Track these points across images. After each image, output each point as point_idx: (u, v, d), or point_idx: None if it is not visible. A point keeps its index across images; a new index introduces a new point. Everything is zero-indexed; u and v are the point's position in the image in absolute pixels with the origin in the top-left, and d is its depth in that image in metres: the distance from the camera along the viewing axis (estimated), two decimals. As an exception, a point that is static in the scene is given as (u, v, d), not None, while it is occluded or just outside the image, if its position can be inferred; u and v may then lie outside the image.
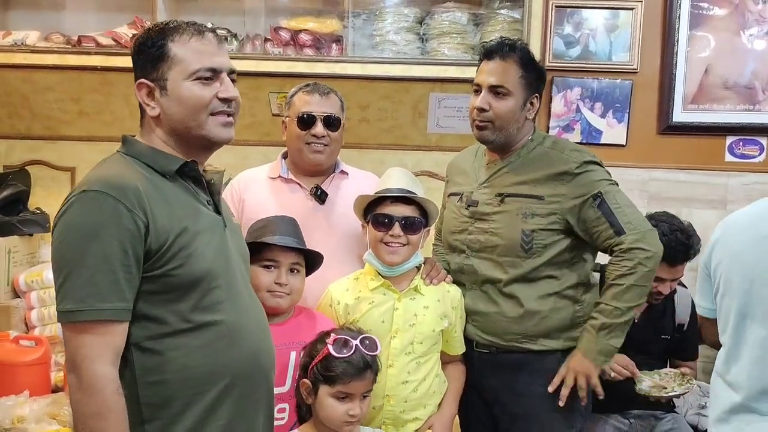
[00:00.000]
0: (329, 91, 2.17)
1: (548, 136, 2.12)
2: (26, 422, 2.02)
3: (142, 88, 1.45)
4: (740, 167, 2.95)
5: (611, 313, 1.90)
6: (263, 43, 2.81)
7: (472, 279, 2.05)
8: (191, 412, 1.39)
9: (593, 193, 1.93)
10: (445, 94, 2.81)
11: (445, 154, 2.98)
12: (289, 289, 1.86)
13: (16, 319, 2.58)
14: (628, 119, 2.93)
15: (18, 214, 2.78)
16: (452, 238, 2.11)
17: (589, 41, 2.90)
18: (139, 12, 2.81)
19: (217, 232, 1.48)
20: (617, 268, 1.91)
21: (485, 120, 2.00)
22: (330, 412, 1.72)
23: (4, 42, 2.76)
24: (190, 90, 1.43)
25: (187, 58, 1.43)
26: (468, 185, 2.11)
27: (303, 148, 2.12)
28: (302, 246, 1.90)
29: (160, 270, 1.35)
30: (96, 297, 1.30)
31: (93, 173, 1.41)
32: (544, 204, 1.97)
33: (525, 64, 2.00)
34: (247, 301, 1.52)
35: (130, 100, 2.80)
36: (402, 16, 2.78)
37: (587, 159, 1.99)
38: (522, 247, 1.96)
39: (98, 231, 1.30)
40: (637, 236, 1.90)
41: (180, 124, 1.45)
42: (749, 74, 2.90)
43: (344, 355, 1.72)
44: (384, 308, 1.95)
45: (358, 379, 1.72)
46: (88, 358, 1.30)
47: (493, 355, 2.03)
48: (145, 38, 1.46)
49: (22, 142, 3.02)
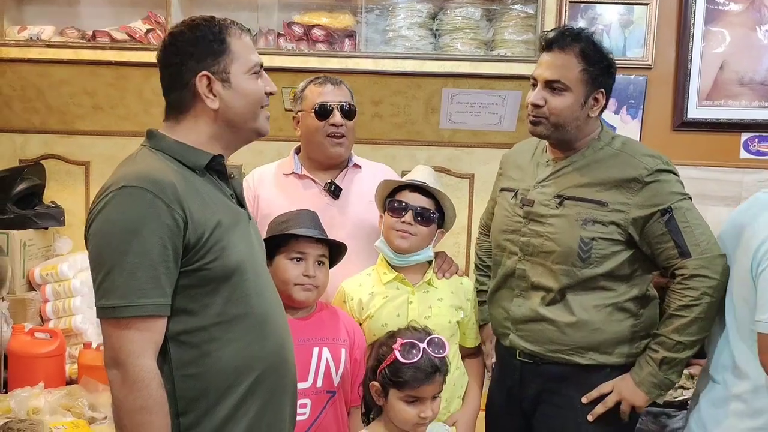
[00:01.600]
0: (340, 81, 2.18)
1: (618, 135, 1.95)
2: (41, 414, 2.04)
3: (203, 80, 1.45)
4: (755, 164, 2.93)
5: (674, 347, 1.76)
6: (276, 38, 2.81)
7: (522, 285, 1.92)
8: (224, 405, 1.41)
9: (663, 208, 1.78)
10: (457, 89, 2.80)
11: (458, 149, 2.99)
12: (316, 282, 1.86)
13: (31, 312, 2.61)
14: (642, 115, 2.91)
15: (33, 208, 2.80)
16: (502, 237, 1.98)
17: (603, 37, 2.87)
18: (153, 7, 2.82)
19: (242, 225, 1.50)
20: (680, 298, 1.76)
21: (539, 116, 1.85)
22: (402, 415, 1.70)
23: (20, 37, 2.78)
24: (251, 83, 1.49)
25: (245, 54, 1.48)
26: (524, 182, 1.96)
27: (324, 141, 2.11)
28: (326, 236, 1.90)
29: (196, 264, 1.37)
30: (138, 293, 1.31)
31: (128, 168, 1.41)
32: (606, 211, 1.81)
33: (588, 56, 1.81)
34: (270, 292, 1.54)
35: (144, 95, 2.84)
36: (415, 12, 2.77)
37: (661, 167, 1.82)
38: (579, 256, 1.81)
39: (138, 227, 1.31)
40: (703, 262, 1.75)
41: (239, 117, 1.48)
42: (765, 70, 2.87)
43: (412, 360, 1.68)
44: (398, 302, 1.96)
45: (428, 383, 1.69)
46: (134, 353, 1.31)
47: (536, 365, 1.90)
48: (205, 30, 1.45)
49: (37, 136, 3.04)
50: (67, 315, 2.61)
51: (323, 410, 1.84)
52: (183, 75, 1.45)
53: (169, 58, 1.47)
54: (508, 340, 1.96)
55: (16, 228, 2.68)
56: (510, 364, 1.97)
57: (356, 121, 2.18)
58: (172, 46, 1.47)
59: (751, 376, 1.72)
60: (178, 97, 1.47)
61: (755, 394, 1.71)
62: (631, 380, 1.82)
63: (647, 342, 1.85)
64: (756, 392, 1.71)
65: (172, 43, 1.47)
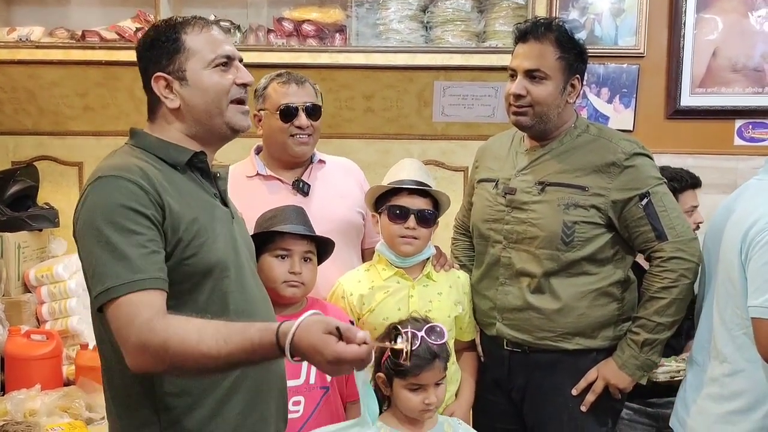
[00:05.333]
0: (304, 79, 2.13)
1: (593, 123, 2.02)
2: (38, 415, 2.04)
3: (160, 81, 1.45)
4: (750, 151, 2.92)
5: (654, 328, 1.83)
6: (266, 34, 2.80)
7: (507, 272, 1.96)
8: (206, 402, 1.40)
9: (641, 192, 1.85)
10: (449, 82, 2.80)
11: (451, 142, 2.98)
12: (303, 278, 1.85)
13: (27, 314, 2.60)
14: (635, 104, 2.91)
15: (27, 210, 2.79)
16: (486, 227, 2.01)
17: (595, 26, 2.87)
18: (142, 6, 2.81)
19: (225, 223, 1.49)
20: (658, 280, 1.84)
21: (523, 105, 1.88)
22: (407, 403, 1.75)
23: (9, 38, 2.77)
24: (211, 77, 1.46)
25: (203, 48, 1.46)
26: (504, 171, 2.00)
27: (287, 141, 2.07)
28: (313, 232, 1.89)
29: (174, 259, 1.36)
30: (133, 269, 1.28)
31: (104, 163, 1.42)
32: (587, 195, 1.87)
33: (562, 44, 1.87)
34: (255, 291, 1.53)
35: (135, 94, 2.82)
36: (405, 5, 2.76)
37: (637, 150, 1.88)
38: (562, 239, 1.87)
39: (117, 209, 1.31)
40: (679, 245, 1.83)
41: (203, 113, 1.47)
42: (758, 56, 2.86)
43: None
44: (399, 296, 1.96)
45: (428, 369, 1.73)
46: (144, 323, 1.25)
47: (525, 354, 1.95)
48: (157, 33, 1.47)
49: (29, 137, 3.03)
50: (63, 316, 2.61)
51: (317, 407, 1.84)
52: (146, 79, 1.47)
53: (138, 64, 1.51)
54: (494, 330, 1.99)
55: (10, 230, 2.67)
56: (497, 355, 2.01)
57: (322, 119, 2.14)
58: (137, 53, 1.50)
59: (729, 359, 1.74)
60: (150, 100, 1.50)
61: (733, 377, 1.73)
62: (614, 364, 1.88)
63: (630, 325, 1.91)
64: (734, 375, 1.73)
65: (137, 50, 1.51)
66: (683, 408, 1.86)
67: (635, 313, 1.90)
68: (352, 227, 2.17)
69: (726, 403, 1.74)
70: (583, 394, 1.91)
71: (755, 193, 1.78)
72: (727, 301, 1.75)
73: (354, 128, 2.95)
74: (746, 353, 1.70)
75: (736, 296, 1.71)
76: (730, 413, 1.73)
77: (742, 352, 1.71)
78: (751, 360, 1.70)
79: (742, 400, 1.71)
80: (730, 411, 1.73)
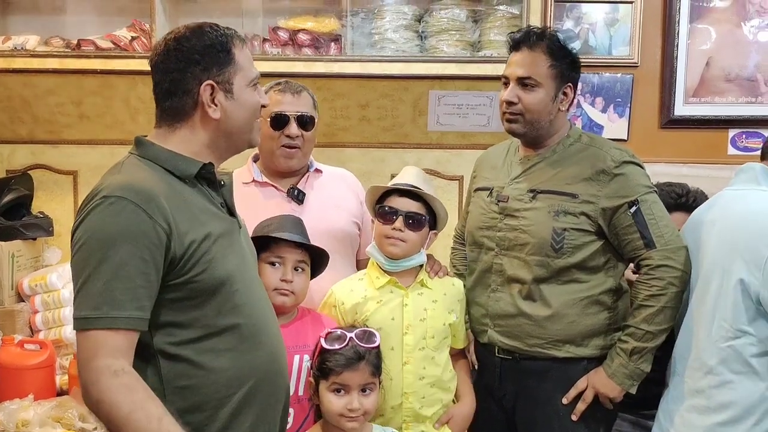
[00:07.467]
0: (301, 89, 2.13)
1: (586, 132, 2.05)
2: (30, 426, 2.03)
3: (208, 89, 1.43)
4: (744, 160, 2.89)
5: (643, 337, 1.83)
6: (262, 43, 2.81)
7: (499, 279, 1.97)
8: (219, 417, 1.40)
9: (630, 200, 1.85)
10: (444, 91, 2.80)
11: (446, 151, 2.99)
12: (294, 287, 1.84)
13: (20, 323, 2.59)
14: (629, 114, 2.92)
15: (21, 219, 2.79)
16: (479, 234, 2.03)
17: (589, 36, 2.89)
18: (138, 15, 2.81)
19: (233, 234, 1.49)
20: (646, 288, 1.84)
21: (515, 113, 1.92)
22: (328, 406, 1.71)
23: (4, 47, 2.77)
24: (252, 96, 1.49)
25: (245, 65, 1.48)
26: (498, 180, 2.03)
27: (276, 151, 2.07)
28: (308, 242, 1.89)
29: (184, 277, 1.35)
30: (111, 304, 1.28)
31: (113, 178, 1.38)
32: (577, 203, 1.88)
33: (554, 52, 1.91)
34: (263, 302, 1.53)
35: (131, 103, 2.83)
36: (400, 14, 2.77)
37: (627, 159, 1.90)
38: (552, 246, 1.88)
39: (117, 238, 1.29)
40: (667, 253, 1.82)
41: (238, 128, 1.48)
42: (751, 66, 2.88)
43: (336, 347, 1.73)
44: (393, 305, 1.95)
45: (351, 370, 1.71)
46: (105, 367, 1.27)
47: (516, 361, 1.96)
48: (212, 39, 1.44)
49: (24, 146, 3.02)
50: (57, 326, 2.60)
51: (306, 419, 1.83)
52: (186, 82, 1.43)
53: (170, 63, 1.43)
54: (486, 337, 2.00)
55: (4, 239, 2.67)
56: (489, 362, 2.02)
57: (316, 130, 2.13)
58: (177, 51, 1.43)
59: (715, 371, 1.73)
60: (177, 104, 1.44)
61: (719, 389, 1.73)
62: (604, 373, 1.88)
63: (619, 334, 1.91)
64: (720, 387, 1.72)
65: (178, 48, 1.43)
66: (667, 420, 1.84)
67: (625, 322, 1.91)
68: (347, 237, 2.17)
69: (713, 415, 1.73)
70: (574, 403, 1.91)
71: (734, 202, 1.79)
72: (714, 314, 1.74)
73: (349, 137, 2.95)
74: (732, 365, 1.70)
75: (725, 309, 1.71)
76: (718, 425, 1.72)
77: (727, 364, 1.71)
78: (737, 372, 1.70)
79: (729, 412, 1.70)
80: (718, 423, 1.72)
